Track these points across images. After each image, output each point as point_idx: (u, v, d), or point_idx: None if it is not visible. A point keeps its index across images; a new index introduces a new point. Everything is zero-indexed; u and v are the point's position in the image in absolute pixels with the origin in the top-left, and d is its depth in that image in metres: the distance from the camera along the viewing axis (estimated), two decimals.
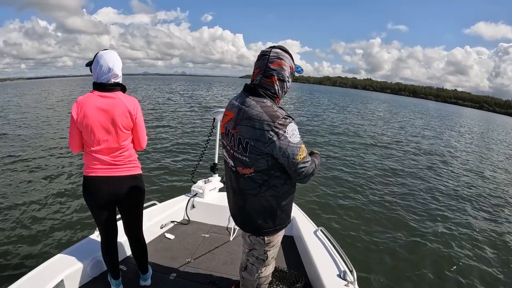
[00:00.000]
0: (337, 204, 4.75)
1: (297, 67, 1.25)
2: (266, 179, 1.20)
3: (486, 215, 5.03)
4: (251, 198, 1.25)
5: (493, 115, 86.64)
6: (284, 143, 1.10)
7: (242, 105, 1.18)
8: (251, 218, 1.30)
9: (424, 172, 7.25)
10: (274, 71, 1.16)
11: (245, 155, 1.16)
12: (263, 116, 1.11)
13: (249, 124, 1.13)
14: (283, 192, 1.24)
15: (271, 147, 1.11)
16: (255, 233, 1.33)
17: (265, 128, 1.10)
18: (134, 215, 1.69)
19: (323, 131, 11.68)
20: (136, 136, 1.57)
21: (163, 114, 13.58)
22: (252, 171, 1.19)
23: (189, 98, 23.83)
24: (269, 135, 1.10)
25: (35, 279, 1.54)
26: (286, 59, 1.17)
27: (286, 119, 1.11)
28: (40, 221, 3.68)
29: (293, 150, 1.11)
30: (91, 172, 1.49)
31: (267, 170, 1.17)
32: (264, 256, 1.37)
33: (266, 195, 1.22)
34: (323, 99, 36.64)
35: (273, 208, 1.26)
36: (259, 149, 1.13)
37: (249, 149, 1.14)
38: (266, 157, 1.14)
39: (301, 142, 1.14)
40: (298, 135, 1.14)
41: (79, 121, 1.42)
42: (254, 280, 1.45)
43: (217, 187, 2.85)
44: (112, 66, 1.44)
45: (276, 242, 1.37)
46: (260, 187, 1.21)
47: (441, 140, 13.28)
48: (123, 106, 1.45)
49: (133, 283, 1.82)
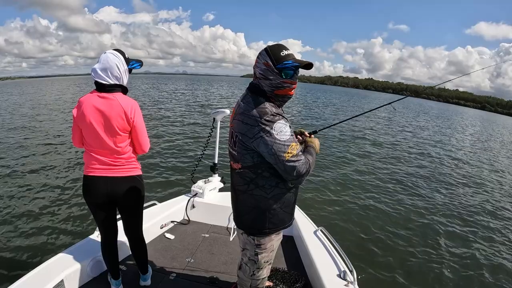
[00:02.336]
0: (337, 204, 4.75)
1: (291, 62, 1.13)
2: (253, 177, 1.20)
3: (489, 214, 5.02)
4: (241, 195, 1.27)
5: (497, 116, 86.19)
6: (269, 139, 1.09)
7: (241, 101, 1.23)
8: (241, 215, 1.32)
9: (424, 172, 7.23)
10: (255, 69, 1.20)
11: (234, 149, 1.20)
12: (253, 112, 1.13)
13: (240, 118, 1.16)
14: (273, 195, 1.22)
15: (256, 143, 1.11)
16: (245, 232, 1.34)
17: (251, 123, 1.12)
18: (133, 216, 1.68)
19: (324, 130, 11.63)
20: (136, 140, 1.53)
21: (163, 113, 13.59)
22: (240, 166, 1.21)
23: (190, 97, 23.84)
24: (255, 131, 1.11)
25: (35, 279, 1.55)
26: (261, 56, 1.16)
27: (275, 116, 1.11)
28: (40, 221, 3.68)
29: (279, 148, 1.09)
30: (90, 171, 1.49)
31: (253, 167, 1.18)
32: (255, 257, 1.35)
33: (254, 194, 1.22)
34: (322, 97, 36.59)
35: (262, 209, 1.24)
36: (245, 143, 1.14)
37: (237, 143, 1.17)
38: (252, 153, 1.15)
39: (290, 140, 1.11)
40: (288, 133, 1.11)
41: (78, 120, 1.44)
42: (248, 280, 1.45)
43: (217, 187, 2.85)
44: (109, 66, 1.42)
45: (268, 246, 1.34)
46: (248, 184, 1.22)
47: (443, 139, 13.25)
48: (119, 107, 1.42)
49: (133, 283, 1.82)
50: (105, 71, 1.42)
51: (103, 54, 1.45)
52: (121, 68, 1.46)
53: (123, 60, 1.47)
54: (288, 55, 1.15)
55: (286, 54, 1.14)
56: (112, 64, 1.42)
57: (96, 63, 1.45)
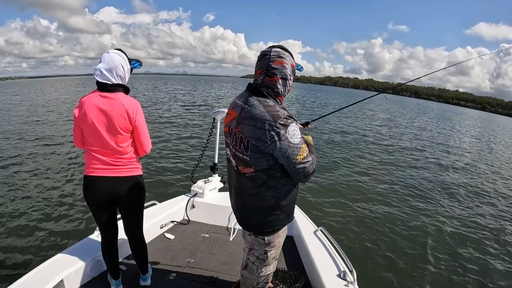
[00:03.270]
0: (337, 204, 4.75)
1: (297, 65, 1.27)
2: (265, 180, 1.19)
3: (491, 213, 5.01)
4: (250, 198, 1.26)
5: (497, 117, 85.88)
6: (285, 143, 1.10)
7: (245, 104, 1.19)
8: (250, 217, 1.31)
9: (424, 172, 7.23)
10: (276, 69, 1.17)
11: (246, 154, 1.17)
12: (265, 116, 1.11)
13: (251, 123, 1.14)
14: (283, 193, 1.24)
15: (272, 147, 1.11)
16: (255, 233, 1.34)
17: (266, 128, 1.10)
18: (134, 216, 1.68)
19: (326, 130, 11.67)
20: (137, 140, 1.54)
21: (163, 113, 13.60)
22: (252, 170, 1.19)
23: (190, 97, 23.85)
24: (270, 135, 1.10)
25: (35, 279, 1.55)
26: (287, 57, 1.18)
27: (288, 119, 1.11)
28: (40, 221, 3.68)
29: (293, 151, 1.11)
30: (91, 171, 1.49)
31: (267, 170, 1.17)
32: (264, 256, 1.37)
33: (265, 195, 1.22)
34: (321, 97, 36.56)
35: (273, 209, 1.25)
36: (260, 148, 1.13)
37: (250, 147, 1.15)
38: (267, 157, 1.15)
39: (301, 142, 1.14)
40: (299, 136, 1.14)
41: (80, 120, 1.44)
42: (254, 279, 1.46)
43: (217, 187, 2.85)
44: (114, 66, 1.43)
45: (277, 242, 1.37)
46: (260, 187, 1.21)
47: (444, 140, 13.25)
48: (121, 107, 1.43)
49: (133, 283, 1.82)
50: (110, 71, 1.43)
51: (106, 54, 1.45)
52: (125, 68, 1.47)
53: (127, 59, 1.49)
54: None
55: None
56: (117, 64, 1.44)
57: (99, 63, 1.44)
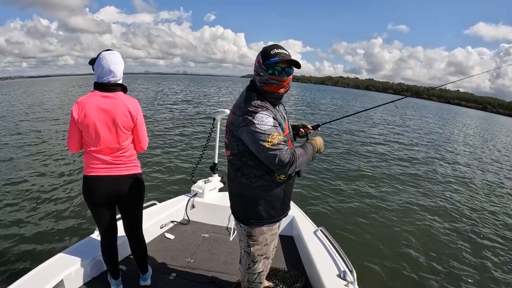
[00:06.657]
0: (337, 204, 4.74)
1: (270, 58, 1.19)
2: (240, 165, 1.27)
3: (491, 213, 5.01)
4: (230, 182, 1.37)
5: (499, 117, 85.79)
6: (251, 128, 1.16)
7: (239, 96, 1.32)
8: (232, 203, 1.40)
9: (425, 172, 7.22)
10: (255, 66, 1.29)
11: (227, 136, 1.30)
12: (241, 104, 1.23)
13: (233, 110, 1.27)
14: (258, 185, 1.26)
15: (240, 131, 1.20)
16: (236, 219, 1.40)
17: (238, 114, 1.21)
18: (134, 215, 1.70)
19: (326, 129, 11.67)
20: (136, 137, 1.59)
21: (163, 113, 13.59)
22: (229, 154, 1.30)
23: (190, 97, 23.83)
24: (240, 120, 1.20)
25: (35, 279, 1.55)
26: (258, 55, 1.25)
27: (258, 108, 1.18)
28: (40, 221, 3.68)
29: (259, 137, 1.15)
30: (91, 171, 1.49)
31: (239, 155, 1.25)
32: (248, 249, 1.37)
33: (241, 182, 1.29)
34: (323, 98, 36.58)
35: (248, 198, 1.30)
36: (233, 132, 1.24)
37: (228, 131, 1.27)
38: (237, 141, 1.23)
39: (271, 130, 1.16)
40: (269, 124, 1.17)
41: (80, 121, 1.43)
42: (245, 275, 1.47)
43: (217, 187, 2.85)
44: (113, 68, 1.45)
45: (260, 239, 1.35)
46: (236, 172, 1.30)
47: (446, 140, 13.24)
48: (123, 106, 1.47)
49: (133, 283, 1.82)
50: (119, 71, 1.48)
51: (107, 56, 1.45)
52: (122, 68, 1.52)
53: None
54: (277, 53, 1.18)
55: (276, 52, 1.19)
56: (122, 62, 1.50)
57: (104, 65, 1.44)
